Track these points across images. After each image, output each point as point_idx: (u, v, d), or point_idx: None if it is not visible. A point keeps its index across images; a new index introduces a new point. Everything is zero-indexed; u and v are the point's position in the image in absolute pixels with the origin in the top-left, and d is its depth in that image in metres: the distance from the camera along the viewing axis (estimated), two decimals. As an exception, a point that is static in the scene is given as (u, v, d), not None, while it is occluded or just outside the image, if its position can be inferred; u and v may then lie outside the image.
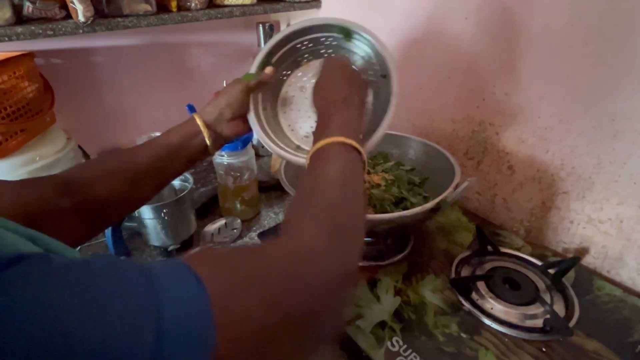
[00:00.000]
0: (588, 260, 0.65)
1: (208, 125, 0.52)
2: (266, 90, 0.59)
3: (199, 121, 0.52)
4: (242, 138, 0.84)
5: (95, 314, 0.18)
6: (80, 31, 0.63)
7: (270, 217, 0.88)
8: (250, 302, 0.24)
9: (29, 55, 0.75)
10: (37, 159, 0.71)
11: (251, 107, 0.55)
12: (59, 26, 0.63)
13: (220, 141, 0.55)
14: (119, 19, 0.67)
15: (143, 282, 0.21)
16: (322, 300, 0.28)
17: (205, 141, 0.52)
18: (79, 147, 0.86)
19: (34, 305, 0.17)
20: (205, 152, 0.54)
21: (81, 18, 0.61)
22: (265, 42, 1.04)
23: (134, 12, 0.68)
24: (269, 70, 0.57)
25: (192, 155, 0.53)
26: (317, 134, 0.43)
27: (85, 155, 0.88)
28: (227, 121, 0.54)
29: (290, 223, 0.33)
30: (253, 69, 0.58)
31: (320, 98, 0.48)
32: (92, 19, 0.63)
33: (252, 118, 0.55)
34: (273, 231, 0.71)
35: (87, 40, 0.91)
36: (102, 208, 0.45)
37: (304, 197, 0.36)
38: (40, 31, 0.61)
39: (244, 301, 0.24)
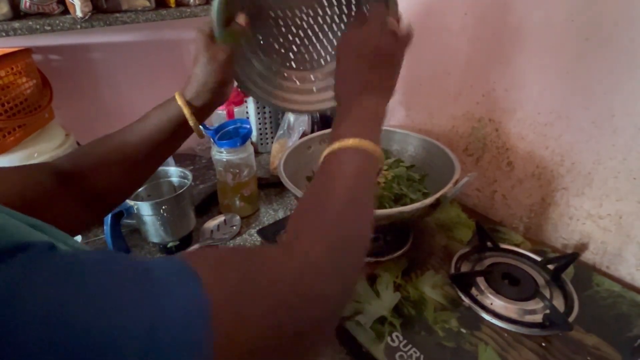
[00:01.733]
0: (587, 256, 0.65)
1: (190, 101, 0.47)
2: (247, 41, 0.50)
3: (179, 100, 0.47)
4: (241, 133, 0.84)
5: (93, 306, 0.18)
6: (78, 26, 0.63)
7: (270, 214, 0.88)
8: (250, 311, 0.24)
9: (27, 51, 0.74)
10: (36, 155, 0.71)
11: (238, 73, 0.47)
12: (57, 21, 0.62)
13: (206, 110, 0.50)
14: (117, 15, 0.66)
15: (142, 278, 0.21)
16: (321, 314, 0.28)
17: (188, 123, 0.47)
18: (77, 143, 0.85)
19: (38, 296, 0.17)
20: (189, 131, 0.49)
21: (79, 13, 0.61)
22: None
23: (132, 8, 0.67)
24: (241, 20, 0.48)
25: (182, 132, 0.49)
26: (334, 131, 0.40)
27: (84, 151, 0.87)
28: (213, 89, 0.48)
29: (296, 233, 0.32)
30: (216, 29, 0.46)
31: (340, 85, 0.45)
32: (90, 14, 0.63)
33: (246, 89, 0.48)
34: (272, 228, 0.71)
35: (86, 37, 0.91)
36: (99, 195, 0.45)
37: (311, 207, 0.35)
38: (38, 26, 0.61)
39: (243, 309, 0.24)
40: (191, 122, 0.47)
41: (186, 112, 0.47)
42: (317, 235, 0.31)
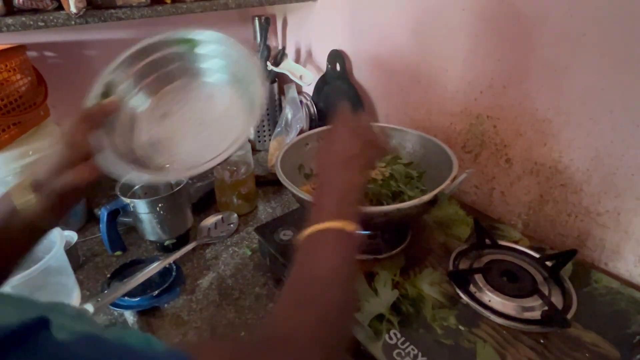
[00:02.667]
0: (585, 253, 0.65)
1: (40, 186, 0.41)
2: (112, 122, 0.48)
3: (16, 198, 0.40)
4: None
5: None
6: (72, 22, 0.62)
7: (268, 211, 0.88)
8: None
9: (21, 48, 0.74)
10: (31, 153, 0.70)
11: (103, 143, 0.43)
12: (51, 17, 0.61)
13: (66, 201, 0.43)
14: (112, 11, 0.66)
15: None
16: None
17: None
18: (73, 141, 0.85)
19: None
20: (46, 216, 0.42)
21: (73, 9, 0.60)
22: (261, 36, 1.03)
23: (128, 4, 0.67)
24: (112, 100, 0.48)
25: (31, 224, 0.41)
26: (313, 208, 0.42)
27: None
28: (69, 170, 0.41)
29: (283, 321, 0.34)
30: (91, 100, 0.48)
31: (320, 161, 0.47)
32: (84, 10, 0.62)
33: (108, 156, 0.43)
34: (270, 226, 0.70)
35: (81, 33, 0.90)
36: None
37: (295, 294, 0.36)
38: (32, 22, 0.60)
39: None
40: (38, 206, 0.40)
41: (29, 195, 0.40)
42: (304, 323, 0.33)
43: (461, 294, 0.55)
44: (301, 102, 1.08)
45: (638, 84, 0.53)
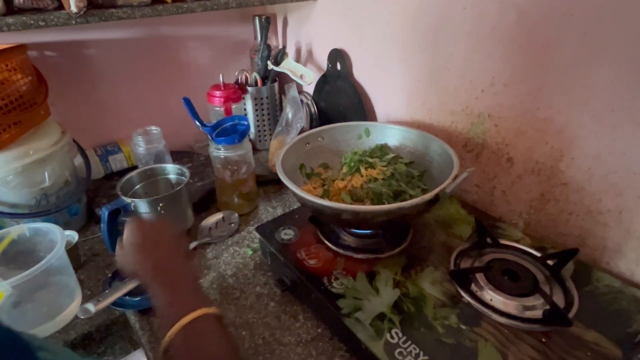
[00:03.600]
0: (587, 252, 0.65)
1: None
2: None
3: None
4: (239, 130, 0.84)
5: None
6: (73, 22, 0.62)
7: (269, 211, 0.88)
8: None
9: (22, 47, 0.74)
10: (31, 152, 0.70)
11: None
12: (51, 17, 0.61)
13: None
14: (113, 10, 0.66)
15: None
16: None
17: None
18: (74, 141, 0.85)
19: None
20: None
21: (73, 8, 0.60)
22: (261, 36, 1.03)
23: (128, 3, 0.67)
24: None
25: None
26: (165, 307, 0.44)
27: (80, 149, 0.87)
28: None
29: None
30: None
31: (139, 264, 0.49)
32: (84, 9, 0.62)
33: None
34: (271, 225, 0.70)
35: (82, 33, 0.90)
36: None
37: None
38: (32, 22, 0.60)
39: None
40: None
41: None
42: None
43: (462, 293, 0.55)
44: (302, 101, 1.08)
45: (639, 82, 0.53)
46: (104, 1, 0.66)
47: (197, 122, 0.79)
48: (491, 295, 0.54)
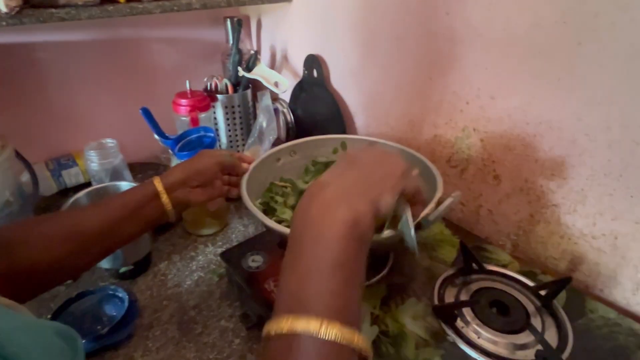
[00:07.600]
0: (579, 278, 0.60)
1: (169, 189, 0.52)
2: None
3: (158, 185, 0.52)
4: (205, 143, 0.77)
5: None
6: (4, 23, 0.54)
7: (239, 230, 0.81)
8: None
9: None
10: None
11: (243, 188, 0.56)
12: (-21, 17, 0.53)
13: (182, 206, 0.56)
14: (53, 10, 0.58)
15: None
16: None
17: (163, 206, 0.52)
18: (18, 154, 0.76)
19: None
20: (164, 216, 0.53)
21: (3, 8, 0.52)
22: (233, 38, 0.96)
23: (72, 3, 0.59)
24: (246, 166, 0.62)
25: (150, 219, 0.52)
26: (279, 291, 0.30)
27: (26, 163, 0.78)
28: (192, 187, 0.55)
29: None
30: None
31: (300, 216, 0.34)
32: (17, 9, 0.54)
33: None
34: (237, 251, 0.63)
35: (30, 35, 0.81)
36: (37, 274, 0.41)
37: None
38: (-46, 23, 0.52)
39: None
40: (167, 206, 0.52)
41: (163, 194, 0.51)
42: None
43: (447, 330, 0.50)
44: (277, 110, 1.01)
45: (639, 98, 0.48)
46: (43, 0, 0.58)
47: (157, 135, 0.72)
48: (479, 332, 0.49)
